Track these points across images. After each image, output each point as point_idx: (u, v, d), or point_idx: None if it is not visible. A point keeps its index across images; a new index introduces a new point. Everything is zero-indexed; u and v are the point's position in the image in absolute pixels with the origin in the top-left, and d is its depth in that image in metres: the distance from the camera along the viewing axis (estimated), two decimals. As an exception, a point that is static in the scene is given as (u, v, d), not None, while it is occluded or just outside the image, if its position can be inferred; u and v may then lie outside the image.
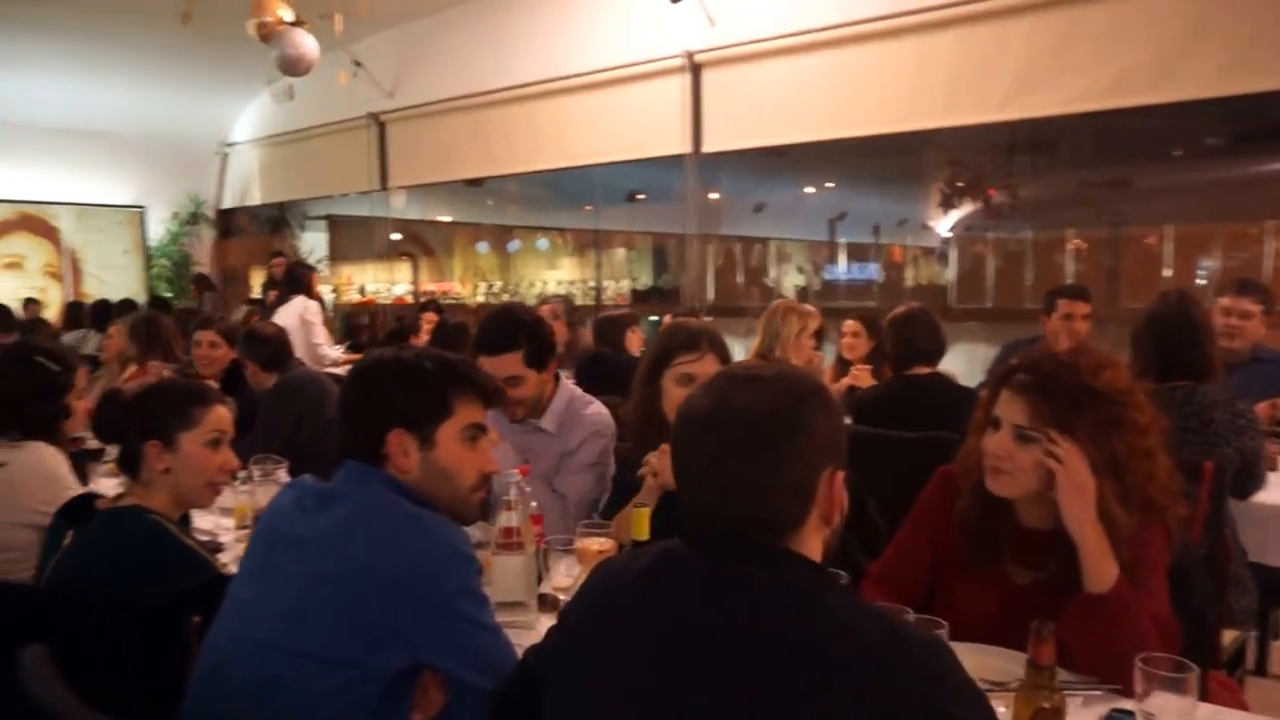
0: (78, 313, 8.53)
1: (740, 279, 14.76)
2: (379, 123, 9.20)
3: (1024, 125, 5.78)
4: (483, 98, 8.17)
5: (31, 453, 2.56)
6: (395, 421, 1.65)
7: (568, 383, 2.91)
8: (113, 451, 3.28)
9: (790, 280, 15.73)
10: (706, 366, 2.41)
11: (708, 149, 7.05)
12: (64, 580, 1.93)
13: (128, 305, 8.18)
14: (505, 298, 12.79)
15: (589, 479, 2.72)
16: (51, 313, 9.27)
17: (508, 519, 2.09)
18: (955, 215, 10.70)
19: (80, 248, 10.40)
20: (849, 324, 5.37)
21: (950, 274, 11.21)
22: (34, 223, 10.08)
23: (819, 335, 4.64)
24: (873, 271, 14.12)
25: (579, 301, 13.25)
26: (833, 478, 1.23)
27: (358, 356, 6.39)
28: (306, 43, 5.60)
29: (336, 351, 6.56)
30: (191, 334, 4.11)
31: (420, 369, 1.70)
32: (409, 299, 12.36)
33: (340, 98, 9.09)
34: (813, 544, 1.23)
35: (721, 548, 1.20)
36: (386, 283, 12.70)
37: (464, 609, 1.52)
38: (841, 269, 14.71)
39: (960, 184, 9.80)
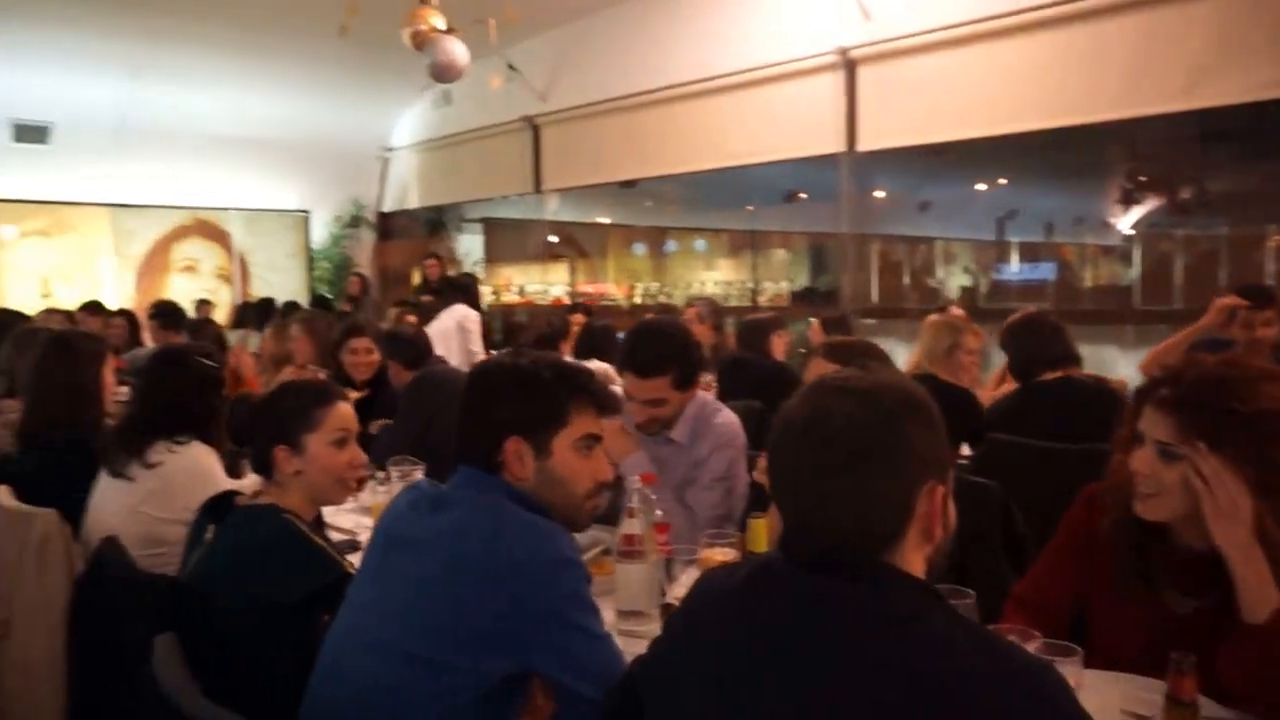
0: (244, 313, 9.09)
1: (906, 280, 14.46)
2: (533, 126, 9.44)
3: (1214, 114, 5.43)
4: (635, 99, 8.29)
5: (187, 453, 2.72)
6: (512, 429, 1.69)
7: (699, 391, 2.89)
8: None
9: (956, 281, 15.30)
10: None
11: (863, 147, 6.95)
12: (201, 575, 2.04)
13: (291, 306, 8.67)
14: (661, 299, 12.93)
15: (716, 493, 2.70)
16: (221, 313, 9.92)
17: (629, 526, 2.12)
18: (1137, 212, 10.14)
19: (249, 251, 11.09)
20: None
21: (1134, 273, 10.68)
22: (208, 228, 10.81)
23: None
24: (1046, 271, 13.61)
25: (735, 303, 13.30)
26: (933, 492, 1.20)
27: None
28: (457, 50, 5.80)
29: (490, 360, 6.72)
30: (344, 341, 4.29)
31: (538, 377, 1.74)
32: (566, 300, 12.63)
33: (495, 102, 9.41)
34: (914, 559, 1.21)
35: (817, 561, 1.19)
36: (543, 284, 13.03)
37: (573, 616, 1.53)
38: (1013, 269, 14.22)
39: (1142, 178, 9.28)
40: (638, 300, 12.77)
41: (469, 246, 12.24)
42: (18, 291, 9.52)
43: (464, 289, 6.80)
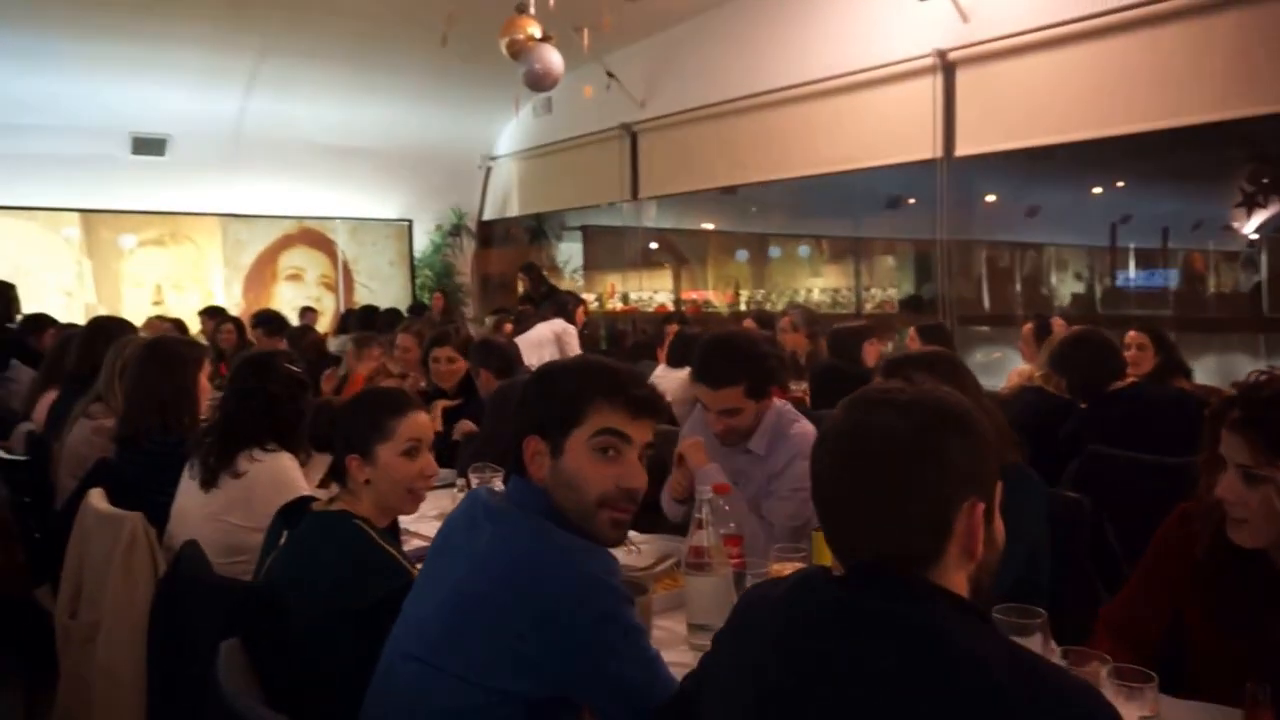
0: (347, 320, 9.37)
1: (1017, 287, 14.09)
2: (631, 133, 9.52)
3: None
4: (730, 105, 8.30)
5: (271, 461, 2.81)
6: (530, 427, 1.68)
7: (778, 401, 2.89)
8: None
9: (1068, 288, 14.86)
10: None
11: (961, 152, 6.83)
12: (273, 580, 2.11)
13: (393, 314, 8.91)
14: (766, 306, 12.86)
15: (793, 504, 2.68)
16: (325, 321, 10.26)
17: (697, 538, 2.12)
18: (1261, 215, 9.66)
19: (352, 259, 11.44)
20: (1132, 335, 5.01)
21: (1260, 279, 10.19)
22: (313, 236, 11.19)
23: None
24: (1165, 278, 13.11)
25: (840, 310, 13.16)
26: (974, 509, 1.19)
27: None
28: (553, 59, 5.89)
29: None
30: (429, 350, 4.40)
31: (555, 375, 1.74)
32: (670, 307, 12.69)
33: (594, 110, 9.54)
34: (955, 578, 1.19)
35: (856, 578, 1.19)
36: (648, 290, 13.08)
37: (605, 638, 1.49)
38: (1130, 275, 13.75)
39: (1265, 180, 8.85)
40: (742, 307, 12.73)
41: (568, 254, 12.39)
42: (132, 299, 10.01)
43: (562, 305, 6.89)
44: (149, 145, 9.74)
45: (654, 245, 11.96)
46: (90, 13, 7.68)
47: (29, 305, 8.68)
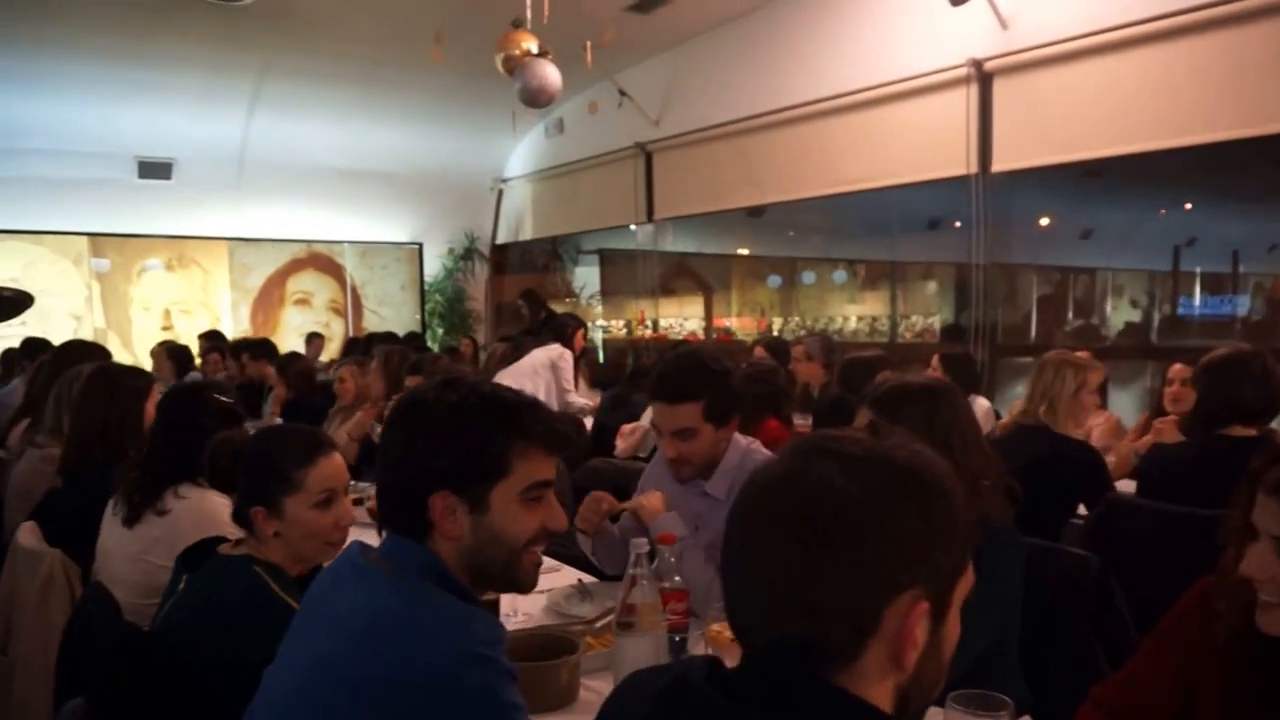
0: (351, 348, 9.28)
1: (1071, 314, 13.80)
2: (645, 152, 9.38)
3: None
4: (749, 122, 8.13)
5: (197, 499, 2.67)
6: (439, 482, 1.47)
7: (741, 438, 2.71)
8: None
9: (1121, 316, 14.51)
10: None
11: (999, 168, 6.59)
12: (168, 627, 1.97)
13: (413, 338, 8.81)
14: (802, 334, 12.64)
15: None
16: (334, 347, 10.18)
17: (628, 595, 1.92)
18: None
19: (361, 284, 11.36)
20: (1176, 369, 4.75)
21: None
22: (322, 260, 11.13)
23: (1102, 389, 4.13)
24: (1234, 305, 12.72)
25: (880, 339, 12.90)
26: (914, 606, 0.95)
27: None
28: (549, 74, 5.76)
29: (583, 400, 6.68)
30: (404, 380, 4.28)
31: (470, 416, 1.50)
32: (700, 334, 12.52)
33: (607, 129, 9.44)
34: (876, 688, 0.96)
35: (744, 676, 0.98)
36: (677, 317, 12.92)
37: (476, 716, 1.34)
38: (1194, 302, 13.37)
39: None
40: (775, 335, 12.53)
41: (585, 279, 12.25)
42: (141, 324, 10.05)
43: (562, 329, 6.73)
44: (155, 169, 9.75)
45: (668, 269, 11.83)
46: (91, 36, 7.68)
47: (40, 328, 8.75)
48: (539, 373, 6.21)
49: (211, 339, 7.99)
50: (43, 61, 8.17)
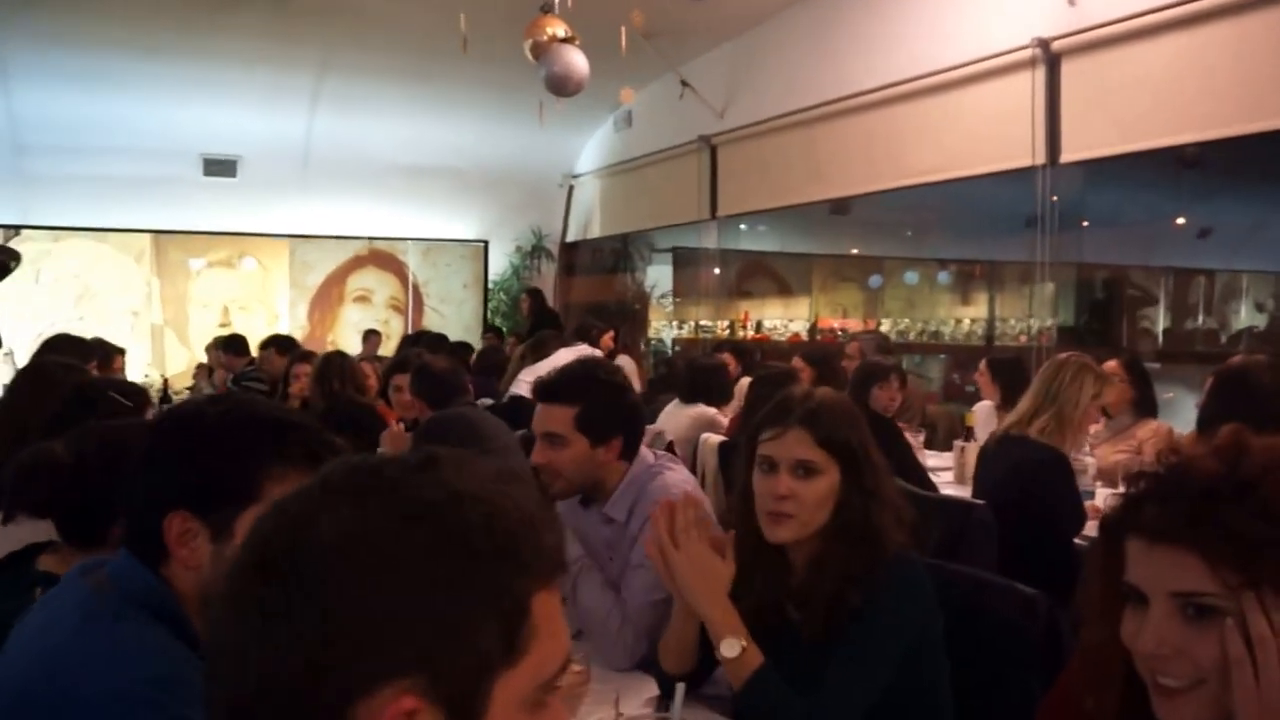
0: (405, 346, 9.18)
1: (1202, 319, 13.05)
2: (710, 146, 9.08)
3: None
4: (813, 112, 7.77)
5: None
6: (177, 501, 1.30)
7: (647, 453, 2.45)
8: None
9: (1243, 319, 13.63)
10: (790, 449, 1.86)
11: (1068, 158, 6.10)
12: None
13: (463, 347, 8.64)
14: (912, 337, 12.18)
15: (649, 575, 2.16)
16: (390, 345, 10.11)
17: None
18: None
19: (424, 282, 11.31)
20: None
21: None
22: (383, 258, 11.12)
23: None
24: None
25: (972, 343, 12.32)
26: (393, 703, 0.71)
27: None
28: (575, 61, 5.52)
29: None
30: (388, 379, 4.11)
31: (222, 431, 1.33)
32: (804, 335, 12.14)
33: (672, 122, 9.21)
34: None
35: None
36: (782, 318, 12.59)
37: None
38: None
39: None
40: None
41: (656, 278, 11.97)
42: (199, 320, 10.19)
43: (586, 332, 6.53)
44: (220, 167, 9.89)
45: (745, 267, 11.52)
46: (154, 33, 7.78)
47: (98, 324, 8.92)
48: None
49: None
50: (109, 60, 8.33)
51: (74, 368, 3.33)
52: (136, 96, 8.90)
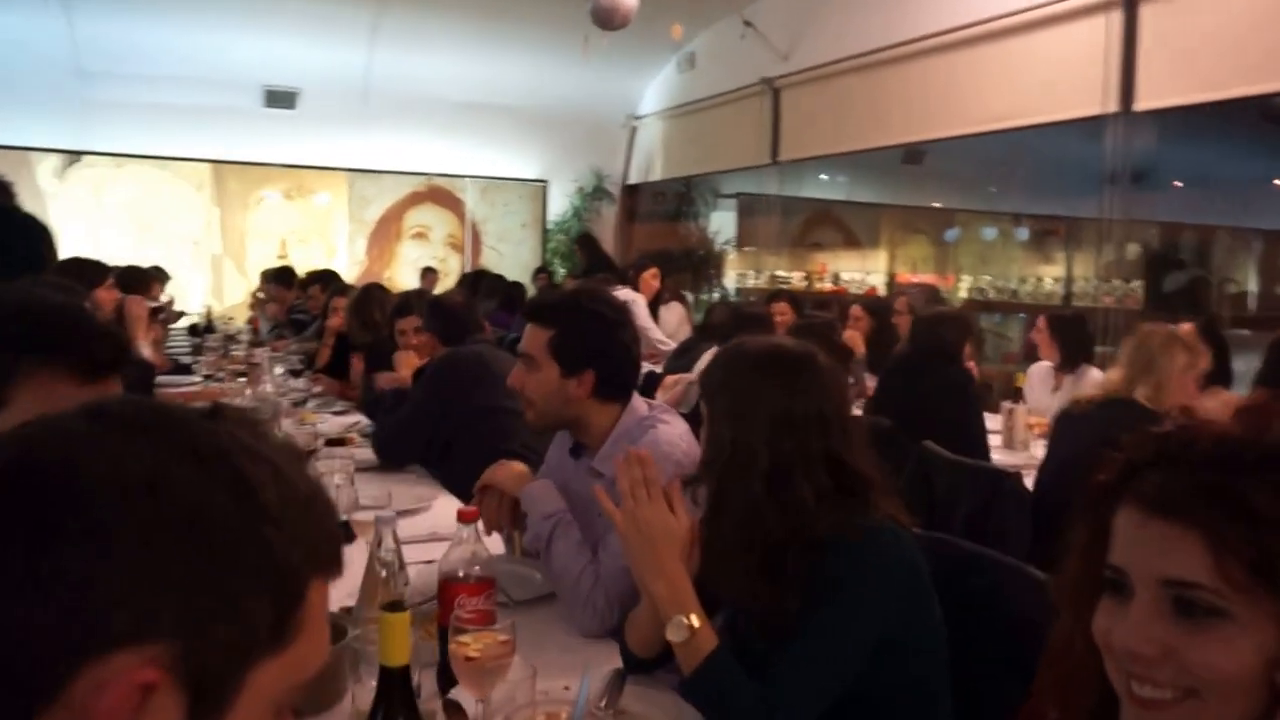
0: (470, 284, 9.07)
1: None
2: (773, 89, 8.80)
3: None
4: (879, 55, 7.46)
5: None
6: None
7: (641, 403, 2.29)
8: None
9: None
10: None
11: (1143, 106, 5.74)
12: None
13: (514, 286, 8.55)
14: (992, 295, 11.73)
15: None
16: (448, 283, 10.03)
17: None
18: None
19: (481, 220, 11.20)
20: None
21: None
22: (441, 195, 11.02)
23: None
24: None
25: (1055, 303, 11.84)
26: (125, 676, 0.59)
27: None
28: (624, -7, 5.29)
29: (666, 339, 6.30)
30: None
31: None
32: (881, 290, 11.79)
33: (735, 64, 8.98)
34: None
35: None
36: (860, 271, 12.24)
37: None
38: None
39: None
40: (962, 294, 11.70)
41: (720, 224, 11.71)
42: (256, 251, 10.22)
43: (621, 273, 6.38)
44: (280, 98, 9.85)
45: (813, 217, 11.19)
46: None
47: (161, 252, 9.00)
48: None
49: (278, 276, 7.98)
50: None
51: (67, 288, 3.24)
52: (199, 24, 8.84)
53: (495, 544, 2.44)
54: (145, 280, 5.28)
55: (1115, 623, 0.91)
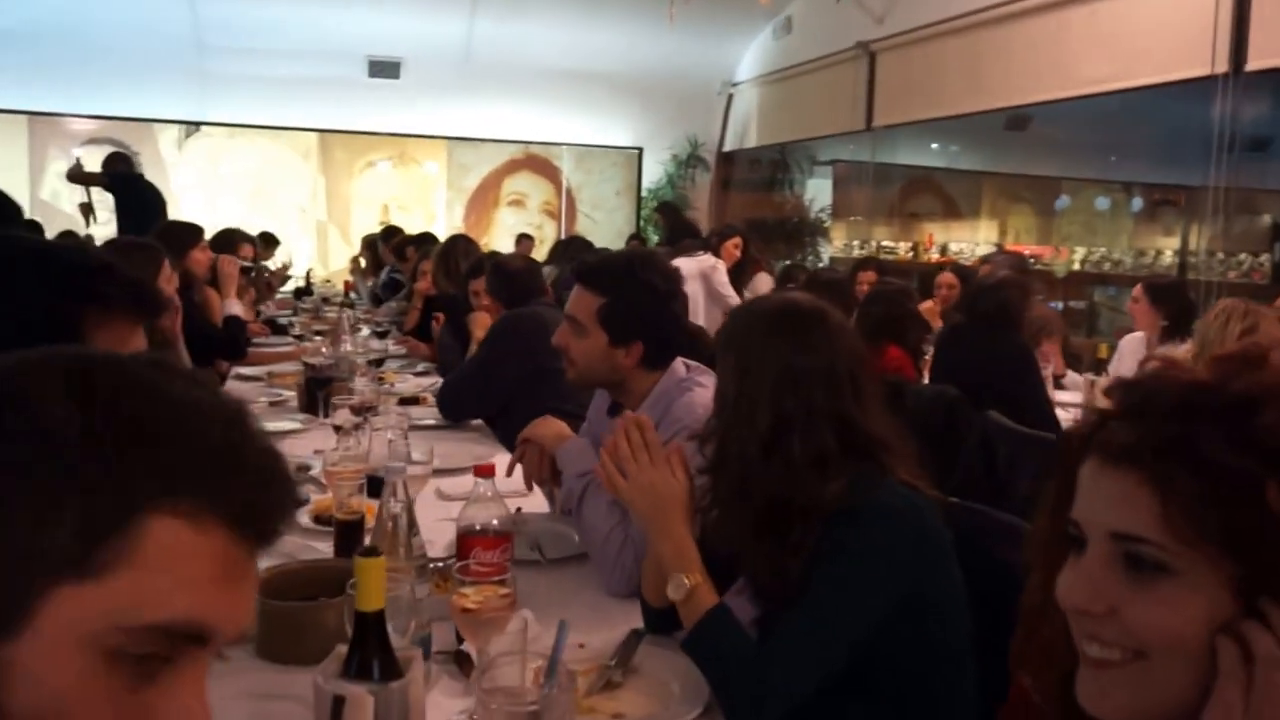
0: (556, 251, 9.10)
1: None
2: (869, 53, 8.56)
3: None
4: (976, 17, 7.18)
5: None
6: None
7: (682, 368, 2.23)
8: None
9: None
10: None
11: (1254, 66, 5.39)
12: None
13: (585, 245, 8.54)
14: (1107, 268, 11.27)
15: None
16: (543, 249, 10.08)
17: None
18: None
19: (577, 187, 11.20)
20: None
21: None
22: (538, 162, 11.06)
23: None
24: None
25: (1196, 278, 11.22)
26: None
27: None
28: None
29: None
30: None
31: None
32: (982, 264, 11.40)
33: (832, 29, 8.80)
34: None
35: None
36: (969, 242, 11.92)
37: None
38: None
39: None
40: (1075, 267, 11.26)
41: (816, 192, 11.49)
42: (359, 217, 10.43)
43: (710, 244, 6.32)
44: (384, 68, 9.99)
45: (911, 184, 10.87)
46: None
47: (269, 218, 9.27)
48: (687, 283, 5.77)
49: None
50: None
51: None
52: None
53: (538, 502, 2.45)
54: (234, 242, 5.42)
55: (1064, 578, 0.84)
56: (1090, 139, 10.87)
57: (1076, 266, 11.33)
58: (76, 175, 7.62)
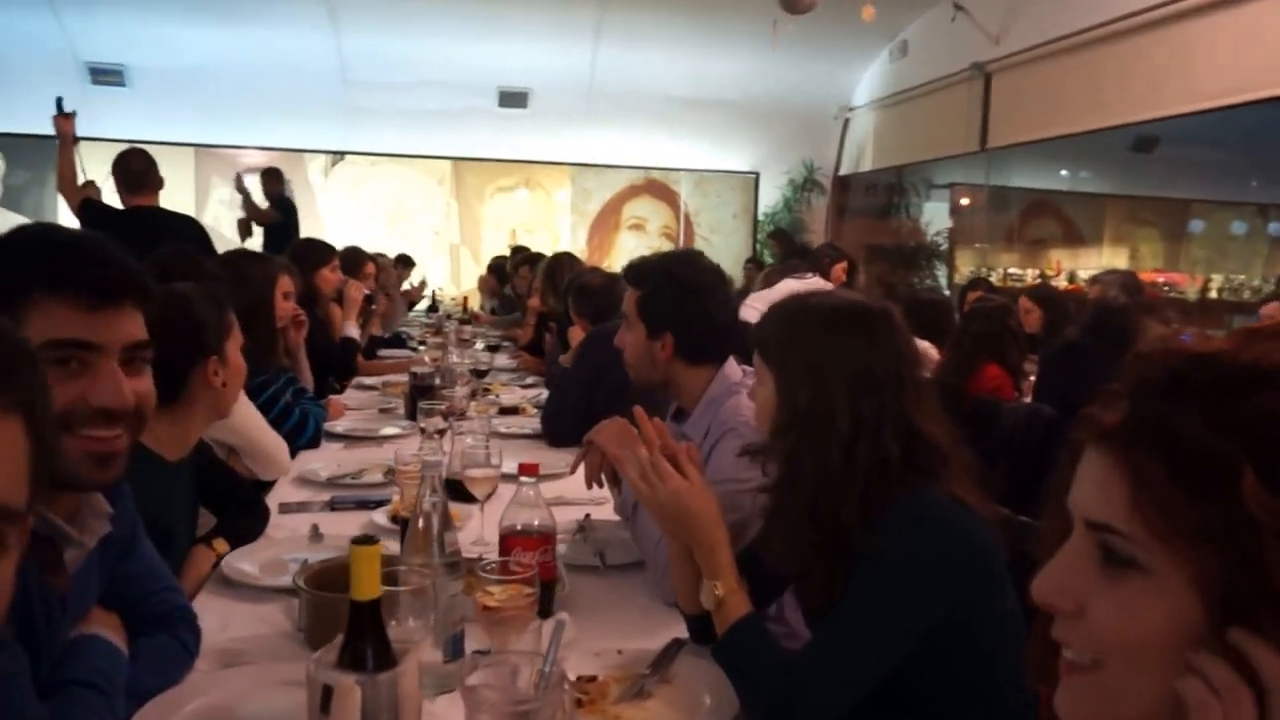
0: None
1: None
2: (985, 74, 8.26)
3: None
4: (1094, 32, 6.85)
5: None
6: None
7: (734, 374, 2.14)
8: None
9: None
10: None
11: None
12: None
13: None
14: (1247, 295, 10.63)
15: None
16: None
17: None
18: None
19: (695, 211, 11.16)
20: None
21: None
22: (658, 188, 11.06)
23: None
24: None
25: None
26: None
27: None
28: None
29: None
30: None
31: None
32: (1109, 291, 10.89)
33: (947, 51, 8.56)
34: None
35: None
36: (1096, 267, 11.45)
37: None
38: None
39: None
40: (1212, 294, 10.64)
41: (933, 215, 11.13)
42: (489, 240, 10.64)
43: (819, 261, 6.15)
44: (513, 98, 10.15)
45: (1028, 207, 10.42)
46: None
47: (406, 240, 9.54)
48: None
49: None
50: (420, 2, 8.67)
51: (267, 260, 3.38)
52: (443, 33, 9.23)
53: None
54: (359, 260, 5.53)
55: (1051, 564, 0.71)
56: (1223, 158, 10.22)
57: (1214, 294, 10.64)
58: (253, 214, 8.12)
